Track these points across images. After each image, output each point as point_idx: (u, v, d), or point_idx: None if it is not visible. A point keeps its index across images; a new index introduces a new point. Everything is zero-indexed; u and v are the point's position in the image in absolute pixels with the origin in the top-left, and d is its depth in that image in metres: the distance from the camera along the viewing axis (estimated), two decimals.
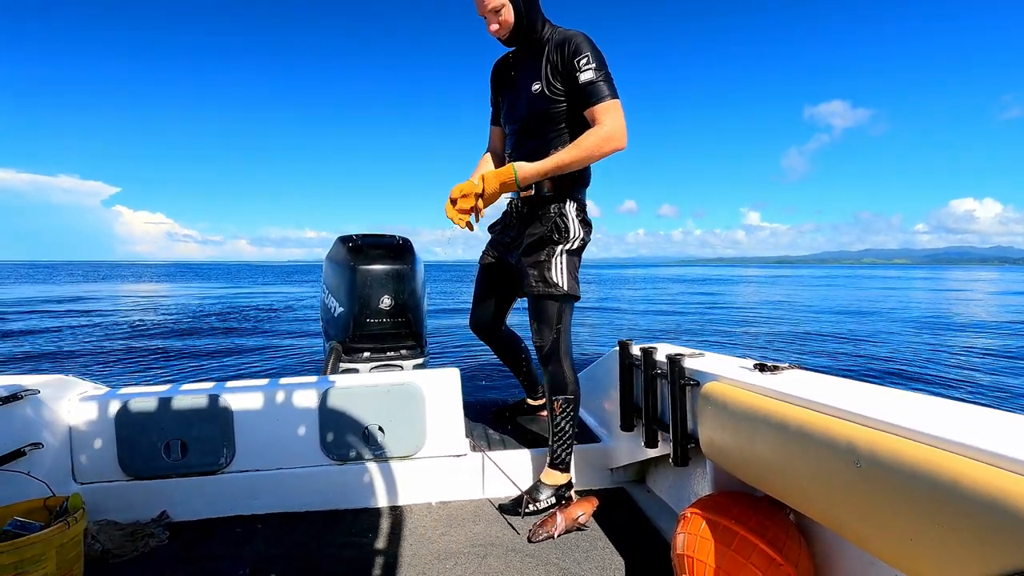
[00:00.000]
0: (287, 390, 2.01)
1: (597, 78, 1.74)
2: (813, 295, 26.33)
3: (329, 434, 1.99)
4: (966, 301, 24.19)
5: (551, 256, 1.88)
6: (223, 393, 1.97)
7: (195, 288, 33.02)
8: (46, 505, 1.55)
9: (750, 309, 18.64)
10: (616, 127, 1.72)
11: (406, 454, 2.04)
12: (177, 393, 1.97)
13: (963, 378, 7.17)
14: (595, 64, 1.75)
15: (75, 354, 9.87)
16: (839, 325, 13.41)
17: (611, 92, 1.74)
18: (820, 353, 8.90)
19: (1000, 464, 0.78)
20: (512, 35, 1.89)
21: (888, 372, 7.58)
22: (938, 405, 1.04)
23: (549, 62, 1.83)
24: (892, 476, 0.90)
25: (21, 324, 13.46)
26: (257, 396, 1.99)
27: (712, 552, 1.26)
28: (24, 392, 1.74)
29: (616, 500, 2.04)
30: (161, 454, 1.93)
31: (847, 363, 7.58)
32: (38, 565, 1.34)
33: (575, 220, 1.90)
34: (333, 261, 2.62)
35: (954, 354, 9.31)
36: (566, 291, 1.88)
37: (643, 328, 11.47)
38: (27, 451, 1.70)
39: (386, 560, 1.66)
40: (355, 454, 2.01)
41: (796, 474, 1.13)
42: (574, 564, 1.61)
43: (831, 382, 1.29)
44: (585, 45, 1.77)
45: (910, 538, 0.87)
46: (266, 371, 8.43)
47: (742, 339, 9.13)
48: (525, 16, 1.84)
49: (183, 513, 1.93)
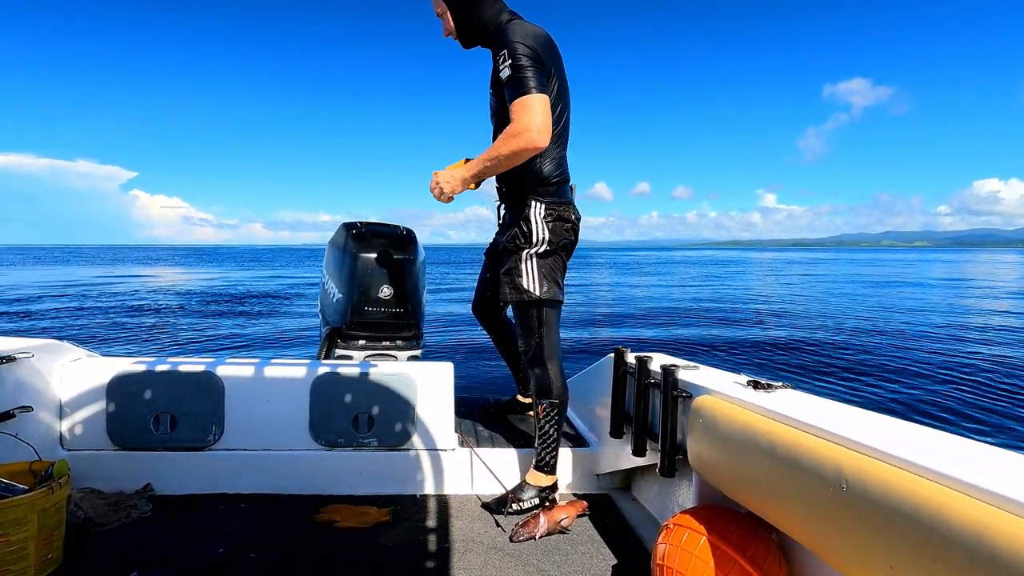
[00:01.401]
0: (279, 371, 2.01)
1: (512, 74, 1.64)
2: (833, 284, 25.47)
3: (318, 419, 1.99)
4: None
5: (519, 263, 1.85)
6: (216, 370, 1.97)
7: (206, 271, 33.13)
8: (31, 469, 1.56)
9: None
10: (521, 125, 1.61)
11: (394, 445, 2.04)
12: (170, 367, 1.97)
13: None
14: (511, 60, 1.65)
15: (73, 325, 9.89)
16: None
17: (524, 88, 1.62)
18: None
19: (984, 499, 0.78)
20: (463, 39, 1.88)
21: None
22: (927, 435, 1.04)
23: (495, 65, 1.80)
24: (877, 503, 0.90)
25: (30, 305, 13.52)
26: (249, 376, 1.99)
27: (692, 565, 1.26)
28: (17, 354, 1.74)
29: (600, 506, 2.04)
30: (150, 427, 1.93)
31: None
32: (19, 528, 1.34)
33: (540, 222, 1.84)
34: (335, 247, 2.62)
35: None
36: (538, 296, 1.83)
37: (644, 327, 11.50)
38: (16, 413, 1.70)
39: (366, 549, 1.66)
40: (343, 441, 2.01)
41: (781, 493, 1.13)
42: (553, 567, 1.61)
43: (823, 404, 1.29)
44: (507, 40, 1.68)
45: (890, 566, 0.87)
46: (261, 351, 8.45)
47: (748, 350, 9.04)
48: (466, 18, 1.82)
49: (168, 487, 1.93)
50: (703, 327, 10.96)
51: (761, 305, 15.18)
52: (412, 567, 1.58)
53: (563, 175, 1.90)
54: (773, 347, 8.74)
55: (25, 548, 1.36)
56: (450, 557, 1.63)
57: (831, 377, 6.77)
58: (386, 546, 1.68)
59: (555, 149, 1.85)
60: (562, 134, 1.88)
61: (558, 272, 1.90)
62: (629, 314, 13.29)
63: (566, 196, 1.92)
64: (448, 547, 1.69)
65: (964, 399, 5.79)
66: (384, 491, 2.03)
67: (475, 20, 1.82)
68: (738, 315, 12.88)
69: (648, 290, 20.70)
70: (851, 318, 12.35)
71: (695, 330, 10.56)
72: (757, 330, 10.50)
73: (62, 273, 28.95)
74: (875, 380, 6.60)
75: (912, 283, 24.77)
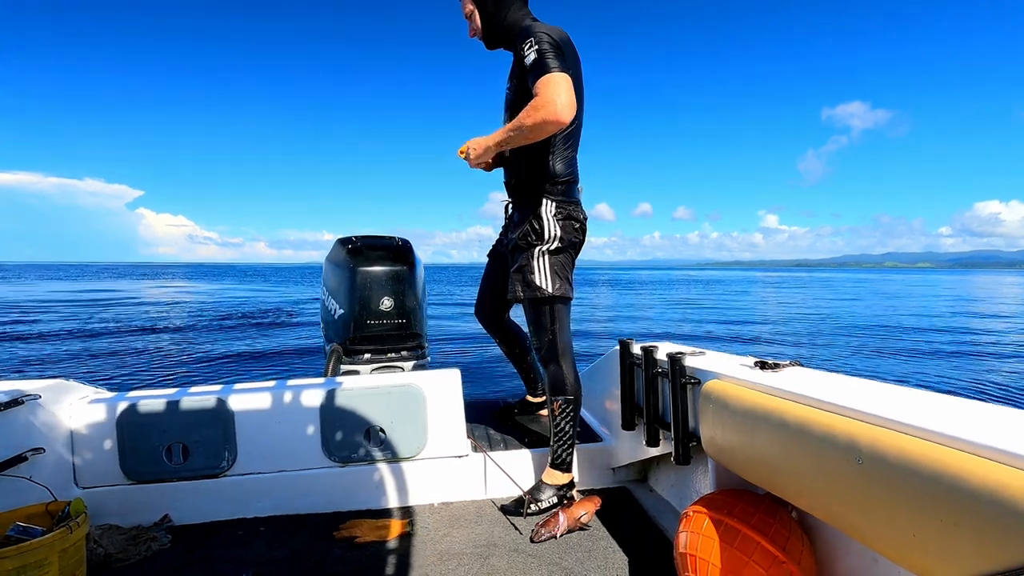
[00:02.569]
0: (288, 392, 2.01)
1: (537, 58, 1.67)
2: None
3: (331, 436, 1.99)
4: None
5: (531, 259, 1.87)
6: (224, 396, 1.97)
7: (209, 288, 33.12)
8: (48, 510, 1.55)
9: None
10: (546, 98, 1.61)
11: (408, 455, 2.04)
12: (178, 396, 1.97)
13: None
14: (537, 45, 1.68)
15: (77, 356, 9.88)
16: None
17: (548, 67, 1.64)
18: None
19: (1001, 459, 0.78)
20: (488, 39, 1.93)
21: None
22: (938, 401, 1.04)
23: (516, 59, 1.84)
24: (894, 472, 0.90)
25: (28, 327, 13.49)
26: (258, 399, 1.99)
27: (715, 550, 1.26)
28: (25, 397, 1.74)
29: (618, 499, 2.04)
30: (163, 457, 1.93)
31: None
32: (41, 570, 1.34)
33: (551, 219, 1.87)
34: (333, 263, 2.62)
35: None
36: (551, 293, 1.86)
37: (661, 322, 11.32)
38: (28, 456, 1.70)
39: (389, 561, 1.66)
40: (357, 456, 2.01)
41: (798, 471, 1.13)
42: (576, 564, 1.61)
43: (832, 379, 1.29)
44: (532, 31, 1.72)
45: (912, 534, 0.87)
46: (267, 373, 8.45)
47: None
48: (493, 19, 1.86)
49: (185, 516, 1.92)
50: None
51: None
52: None
53: (573, 175, 1.92)
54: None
55: None
56: (473, 562, 1.63)
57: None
58: (408, 557, 1.68)
59: (566, 149, 1.89)
60: (574, 134, 1.90)
61: (568, 269, 1.93)
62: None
63: (575, 196, 1.94)
64: (471, 552, 1.69)
65: None
66: (402, 502, 2.02)
67: (501, 21, 1.88)
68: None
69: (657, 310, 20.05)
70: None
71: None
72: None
73: (68, 289, 28.88)
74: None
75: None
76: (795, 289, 34.52)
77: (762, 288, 34.59)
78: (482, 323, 2.34)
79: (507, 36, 1.90)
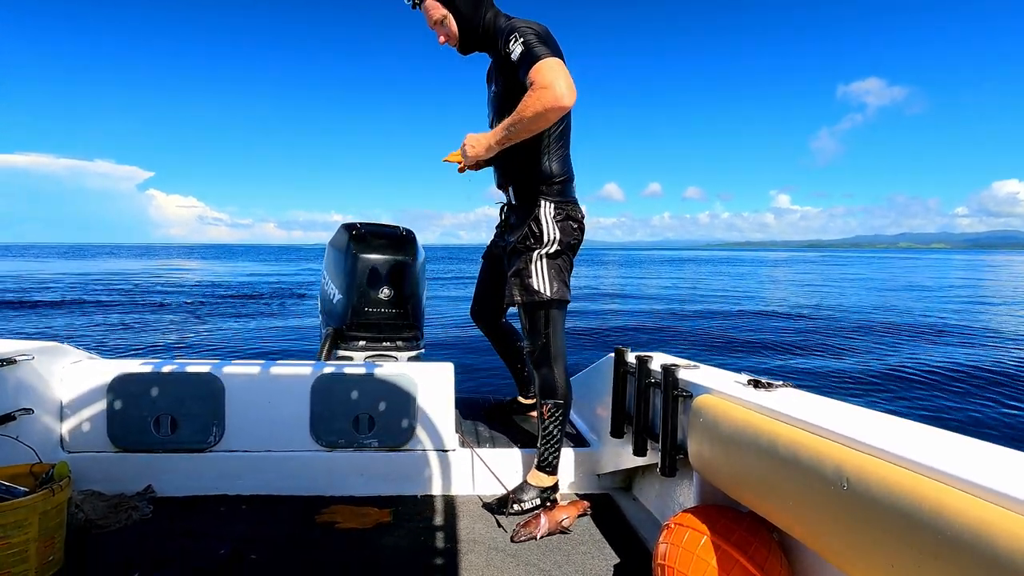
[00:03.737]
0: (280, 373, 2.01)
1: (526, 47, 1.61)
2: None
3: (319, 420, 1.99)
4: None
5: (529, 263, 1.85)
6: (216, 371, 1.97)
7: (214, 268, 33.17)
8: (32, 471, 1.56)
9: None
10: (546, 81, 1.54)
11: (395, 445, 2.04)
12: (170, 369, 1.97)
13: None
14: (522, 37, 1.63)
15: (75, 325, 9.90)
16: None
17: (541, 55, 1.58)
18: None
19: (984, 496, 0.78)
20: (464, 43, 1.86)
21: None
22: (927, 433, 1.04)
23: (499, 59, 1.78)
24: (877, 501, 0.90)
25: (35, 296, 13.53)
26: (250, 377, 1.99)
27: (693, 564, 1.25)
28: (18, 356, 1.74)
29: (601, 506, 2.04)
30: (151, 428, 1.93)
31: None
32: (20, 530, 1.34)
33: (550, 221, 1.85)
34: (335, 248, 2.62)
35: None
36: (549, 296, 1.84)
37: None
38: (17, 416, 1.70)
39: (367, 550, 1.66)
40: (344, 442, 2.01)
41: (782, 493, 1.13)
42: (555, 567, 1.61)
43: (823, 403, 1.29)
44: (513, 26, 1.67)
45: (891, 564, 0.87)
46: (262, 352, 8.45)
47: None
48: (471, 21, 1.80)
49: (169, 489, 1.93)
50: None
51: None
52: (413, 567, 1.58)
53: (568, 173, 1.91)
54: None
55: (26, 550, 1.36)
56: (451, 557, 1.63)
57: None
58: (387, 547, 1.68)
59: (560, 147, 1.87)
60: (565, 131, 1.88)
61: (566, 272, 1.92)
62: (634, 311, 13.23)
63: (572, 194, 1.92)
64: (449, 547, 1.69)
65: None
66: (385, 492, 2.02)
67: (479, 22, 1.81)
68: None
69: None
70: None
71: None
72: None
73: (75, 267, 29.00)
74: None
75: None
76: (804, 268, 33.60)
77: (771, 268, 34.21)
78: (478, 325, 2.33)
79: (484, 37, 1.84)
